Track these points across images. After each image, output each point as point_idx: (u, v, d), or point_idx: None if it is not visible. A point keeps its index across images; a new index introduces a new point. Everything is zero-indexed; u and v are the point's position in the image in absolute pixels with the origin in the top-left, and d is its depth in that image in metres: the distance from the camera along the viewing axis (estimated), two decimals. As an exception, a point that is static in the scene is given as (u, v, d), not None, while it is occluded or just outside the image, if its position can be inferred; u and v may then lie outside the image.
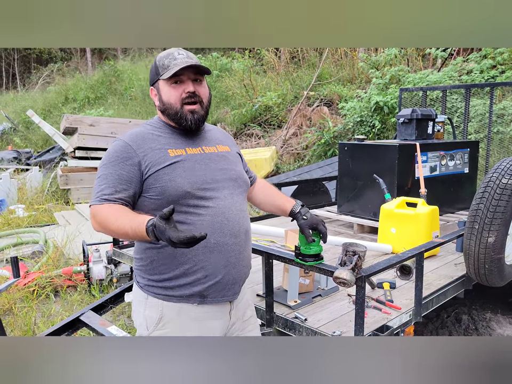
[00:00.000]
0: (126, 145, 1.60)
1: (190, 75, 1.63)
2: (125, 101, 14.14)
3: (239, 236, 1.69)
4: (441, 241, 2.59)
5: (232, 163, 1.79)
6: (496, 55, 7.92)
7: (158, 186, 1.58)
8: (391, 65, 9.14)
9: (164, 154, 1.60)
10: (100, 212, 1.52)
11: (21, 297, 3.94)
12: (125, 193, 1.56)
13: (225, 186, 1.69)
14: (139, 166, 1.58)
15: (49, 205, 7.36)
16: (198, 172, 1.63)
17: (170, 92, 1.64)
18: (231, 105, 11.38)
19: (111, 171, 1.57)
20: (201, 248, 1.58)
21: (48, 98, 15.88)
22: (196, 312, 1.65)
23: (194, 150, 1.68)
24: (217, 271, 1.64)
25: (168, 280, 1.63)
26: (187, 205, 1.59)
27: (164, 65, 1.63)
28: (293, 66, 12.48)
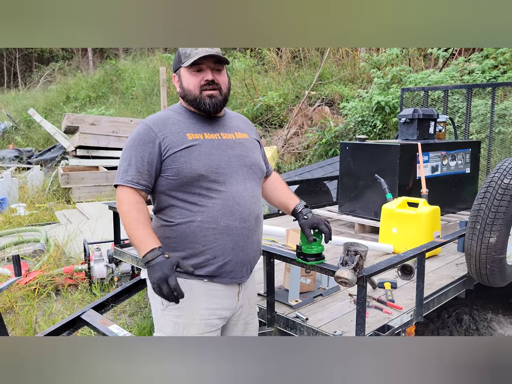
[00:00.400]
0: (148, 128, 1.70)
1: (210, 64, 1.72)
2: (126, 100, 14.14)
3: (249, 221, 1.74)
4: (442, 241, 2.59)
5: (249, 150, 1.84)
6: (498, 55, 7.91)
7: (174, 168, 1.67)
8: (393, 65, 9.14)
9: (182, 137, 1.69)
10: (124, 201, 1.66)
11: (22, 295, 3.95)
12: (147, 176, 1.67)
13: (239, 172, 1.75)
14: (159, 147, 1.67)
15: (50, 203, 7.37)
16: (213, 157, 1.70)
17: (190, 79, 1.73)
18: (233, 105, 11.37)
19: (135, 153, 1.68)
20: (211, 229, 1.67)
21: (49, 97, 15.88)
22: (207, 289, 1.73)
23: (212, 135, 1.75)
24: (226, 253, 1.70)
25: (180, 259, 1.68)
26: (200, 187, 1.67)
27: (186, 53, 1.72)
28: (294, 66, 12.48)
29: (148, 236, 1.62)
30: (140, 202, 1.67)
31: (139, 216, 1.63)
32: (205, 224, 1.67)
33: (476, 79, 7.61)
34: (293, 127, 9.65)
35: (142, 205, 1.67)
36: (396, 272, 2.87)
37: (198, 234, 1.68)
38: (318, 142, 8.71)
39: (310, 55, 12.52)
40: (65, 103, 15.10)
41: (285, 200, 2.03)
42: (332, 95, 10.00)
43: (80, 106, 14.65)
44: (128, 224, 1.64)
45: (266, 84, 11.66)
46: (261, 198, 1.88)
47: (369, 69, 9.72)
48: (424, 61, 9.94)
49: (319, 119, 9.29)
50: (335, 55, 11.70)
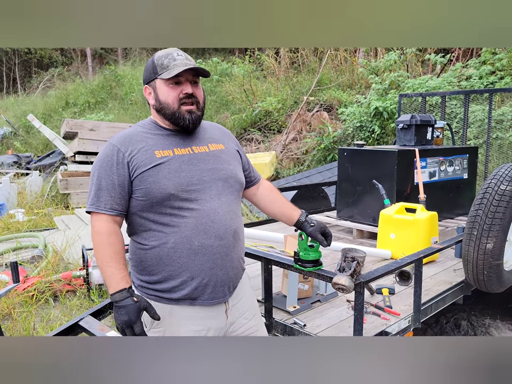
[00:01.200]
0: (115, 149, 1.63)
1: (189, 77, 1.66)
2: (126, 105, 14.17)
3: (226, 238, 1.67)
4: (440, 247, 2.59)
5: (225, 162, 1.76)
6: (495, 61, 7.96)
7: (143, 188, 1.60)
8: (391, 71, 9.18)
9: (150, 156, 1.62)
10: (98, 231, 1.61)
11: (20, 301, 3.94)
12: (119, 200, 1.61)
13: (212, 187, 1.68)
14: (128, 168, 1.61)
15: (49, 209, 7.36)
16: (183, 173, 1.63)
17: (168, 92, 1.65)
18: (231, 110, 11.40)
19: (104, 176, 1.61)
20: (186, 250, 1.61)
21: (48, 102, 15.90)
22: (188, 312, 1.67)
23: (182, 150, 1.68)
24: (204, 273, 1.64)
25: (158, 283, 1.65)
26: (171, 206, 1.60)
27: (163, 64, 1.64)
28: (293, 72, 12.52)
29: (118, 272, 1.56)
30: (113, 233, 1.60)
31: (109, 250, 1.58)
32: (179, 245, 1.61)
33: (473, 85, 7.64)
34: (292, 133, 9.67)
35: (115, 237, 1.60)
36: (393, 278, 2.87)
37: (173, 256, 1.61)
38: (316, 148, 8.73)
39: (309, 61, 12.57)
40: (64, 109, 15.12)
41: (287, 212, 1.98)
42: (330, 101, 10.03)
43: (79, 112, 14.67)
44: (99, 258, 1.59)
45: (265, 90, 11.70)
46: (239, 212, 1.79)
47: (367, 75, 9.77)
48: (422, 67, 9.98)
49: (318, 125, 9.32)
50: (334, 61, 11.75)
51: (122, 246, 1.63)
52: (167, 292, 1.65)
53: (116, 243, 1.60)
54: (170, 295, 1.65)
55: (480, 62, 8.36)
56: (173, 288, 1.64)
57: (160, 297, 1.66)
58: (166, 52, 1.68)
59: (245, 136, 10.41)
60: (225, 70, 13.56)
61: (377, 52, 11.14)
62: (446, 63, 9.08)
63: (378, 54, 10.94)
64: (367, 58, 10.73)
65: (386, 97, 8.31)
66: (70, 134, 9.02)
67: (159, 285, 1.65)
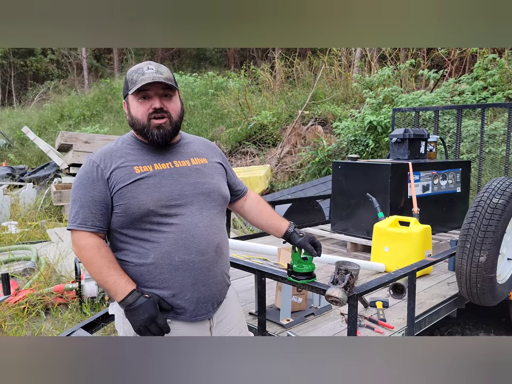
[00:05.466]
0: (94, 165, 1.62)
1: (158, 90, 1.62)
2: (121, 118, 14.19)
3: (207, 253, 1.64)
4: (433, 260, 2.60)
5: (207, 176, 1.73)
6: (487, 76, 8.07)
7: (122, 204, 1.58)
8: (384, 86, 9.28)
9: (129, 172, 1.60)
10: (84, 248, 1.59)
11: (11, 314, 3.89)
12: (101, 217, 1.60)
13: (194, 201, 1.65)
14: (107, 184, 1.60)
15: (42, 221, 7.31)
16: (163, 188, 1.61)
17: (138, 107, 1.63)
18: (226, 124, 11.45)
19: (84, 193, 1.60)
20: (166, 266, 1.59)
21: (43, 115, 15.90)
22: (171, 329, 1.63)
23: (162, 165, 1.66)
24: (185, 290, 1.61)
25: None
26: (151, 222, 1.58)
27: (132, 79, 1.63)
28: (288, 86, 12.63)
29: (121, 278, 1.56)
30: (101, 245, 1.60)
31: (105, 262, 1.57)
32: (159, 261, 1.58)
33: (466, 100, 7.73)
34: (286, 146, 9.72)
35: (104, 248, 1.60)
36: (387, 291, 2.87)
37: (153, 273, 1.59)
38: (311, 161, 8.77)
39: (304, 75, 12.70)
40: (59, 121, 15.12)
41: (275, 223, 1.96)
42: (325, 115, 10.11)
43: (74, 125, 14.68)
44: (95, 273, 1.57)
45: (260, 103, 11.78)
46: (222, 226, 1.75)
47: (361, 90, 9.86)
48: (415, 82, 10.11)
49: (312, 138, 9.37)
50: (328, 76, 11.87)
51: (113, 256, 1.62)
52: None
53: (107, 253, 1.59)
54: None
55: (472, 78, 8.48)
56: None
57: None
58: (137, 67, 1.66)
59: (240, 150, 10.44)
60: (220, 83, 13.66)
61: (371, 67, 11.27)
62: (439, 78, 9.20)
63: (372, 69, 11.07)
64: (361, 73, 10.85)
65: (380, 111, 8.39)
66: (64, 147, 9.02)
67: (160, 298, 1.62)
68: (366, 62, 11.52)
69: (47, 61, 23.76)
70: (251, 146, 10.31)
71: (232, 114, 11.39)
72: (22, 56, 23.69)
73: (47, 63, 23.75)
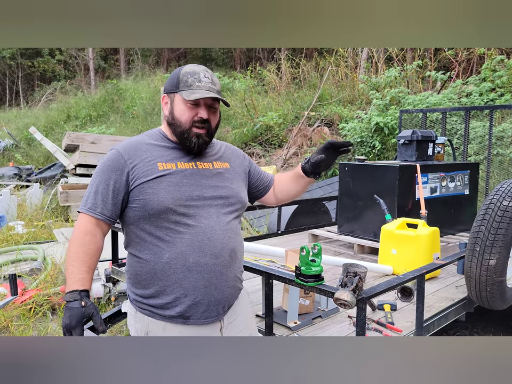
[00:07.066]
0: (118, 155, 1.62)
1: (208, 101, 1.64)
2: (127, 119, 14.24)
3: (222, 256, 1.64)
4: (442, 263, 2.57)
5: (227, 180, 1.74)
6: (495, 78, 8.02)
7: (141, 199, 1.59)
8: (391, 87, 9.25)
9: (152, 167, 1.61)
10: (75, 229, 1.61)
11: (18, 314, 3.90)
12: (111, 206, 1.61)
13: (212, 204, 1.66)
14: (127, 176, 1.60)
15: (48, 221, 7.34)
16: (184, 188, 1.61)
17: (184, 111, 1.63)
18: (232, 124, 11.46)
19: (101, 180, 1.61)
20: (180, 266, 1.59)
21: (50, 115, 15.99)
22: (181, 330, 1.64)
23: (186, 165, 1.66)
24: (197, 292, 1.61)
25: (152, 298, 1.63)
26: (168, 220, 1.58)
27: (187, 82, 1.62)
28: (294, 87, 12.62)
29: (78, 273, 1.54)
30: (89, 233, 1.59)
31: (78, 249, 1.56)
32: (173, 261, 1.59)
33: (473, 101, 7.69)
34: (292, 147, 9.71)
35: (89, 238, 1.58)
36: (395, 294, 2.85)
37: (167, 272, 1.59)
38: (317, 162, 8.73)
39: (310, 76, 12.68)
40: (66, 122, 15.20)
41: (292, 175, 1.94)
42: (331, 116, 10.09)
43: (81, 125, 14.74)
44: (68, 255, 1.58)
45: (266, 104, 11.77)
46: (238, 231, 1.75)
47: (368, 91, 9.84)
48: (422, 83, 10.07)
49: (318, 139, 9.35)
50: (334, 77, 11.85)
51: (96, 250, 1.60)
52: (161, 309, 1.63)
53: (88, 244, 1.58)
54: (164, 311, 1.62)
55: (480, 79, 8.43)
56: (166, 305, 1.62)
57: (154, 313, 1.64)
58: (192, 69, 1.66)
59: (246, 151, 10.44)
60: (226, 84, 13.67)
61: (377, 68, 11.23)
62: (446, 79, 9.15)
63: (379, 70, 11.03)
64: (368, 74, 10.82)
65: (387, 113, 8.36)
66: (71, 147, 9.05)
67: (153, 299, 1.63)
68: (372, 63, 11.49)
69: (54, 61, 23.90)
70: (257, 148, 10.31)
71: (238, 115, 11.40)
72: (30, 57, 23.85)
73: (54, 64, 23.90)
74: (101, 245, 1.63)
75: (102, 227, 1.64)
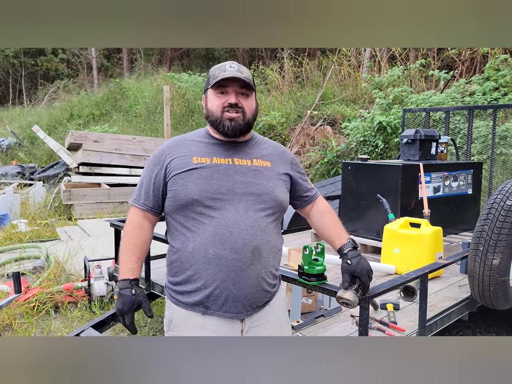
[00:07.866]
0: (161, 151, 1.75)
1: (236, 88, 1.69)
2: (130, 117, 14.25)
3: (243, 252, 1.61)
4: (445, 262, 2.57)
5: (264, 178, 1.71)
6: (498, 77, 7.99)
7: (173, 190, 1.68)
8: (394, 86, 9.22)
9: (187, 161, 1.69)
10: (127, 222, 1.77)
11: (21, 312, 3.92)
12: (153, 198, 1.74)
13: (242, 199, 1.65)
14: (165, 169, 1.71)
15: (51, 220, 7.36)
16: (213, 181, 1.65)
17: (214, 101, 1.71)
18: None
19: (146, 174, 1.76)
20: (201, 257, 1.63)
21: (53, 114, 16.00)
22: (202, 321, 1.67)
23: (222, 160, 1.70)
24: (215, 284, 1.63)
25: (179, 285, 1.69)
26: (195, 211, 1.65)
27: (214, 75, 1.71)
28: (297, 86, 12.60)
29: (128, 263, 1.69)
30: (137, 226, 1.74)
31: (128, 242, 1.72)
32: (196, 251, 1.63)
33: (477, 100, 7.66)
34: (295, 146, 9.70)
35: (137, 231, 1.73)
36: (398, 293, 2.84)
37: (191, 261, 1.65)
38: (320, 161, 8.74)
39: (313, 75, 12.66)
40: (69, 121, 15.21)
41: (332, 239, 1.89)
42: (334, 115, 10.07)
43: (84, 124, 14.75)
44: (120, 247, 1.74)
45: (269, 104, 11.77)
46: (269, 230, 1.69)
47: (371, 90, 9.81)
48: (426, 83, 10.04)
49: (321, 139, 9.34)
50: (337, 76, 11.83)
51: (144, 242, 1.74)
52: (185, 295, 1.68)
53: (136, 237, 1.73)
54: (186, 298, 1.67)
55: (483, 78, 8.39)
56: (189, 293, 1.67)
57: (179, 301, 1.70)
58: (220, 64, 1.74)
59: (249, 150, 10.44)
60: (229, 83, 13.62)
61: (380, 67, 11.21)
62: (449, 79, 9.13)
63: (382, 69, 11.01)
64: (371, 74, 10.79)
65: (390, 112, 8.33)
66: (74, 146, 9.07)
67: (179, 286, 1.69)
68: (375, 62, 11.47)
69: (57, 60, 23.93)
70: (260, 146, 10.29)
71: (241, 114, 11.37)
72: (33, 55, 23.89)
73: (57, 62, 23.93)
74: (149, 236, 1.77)
75: (149, 218, 1.76)
